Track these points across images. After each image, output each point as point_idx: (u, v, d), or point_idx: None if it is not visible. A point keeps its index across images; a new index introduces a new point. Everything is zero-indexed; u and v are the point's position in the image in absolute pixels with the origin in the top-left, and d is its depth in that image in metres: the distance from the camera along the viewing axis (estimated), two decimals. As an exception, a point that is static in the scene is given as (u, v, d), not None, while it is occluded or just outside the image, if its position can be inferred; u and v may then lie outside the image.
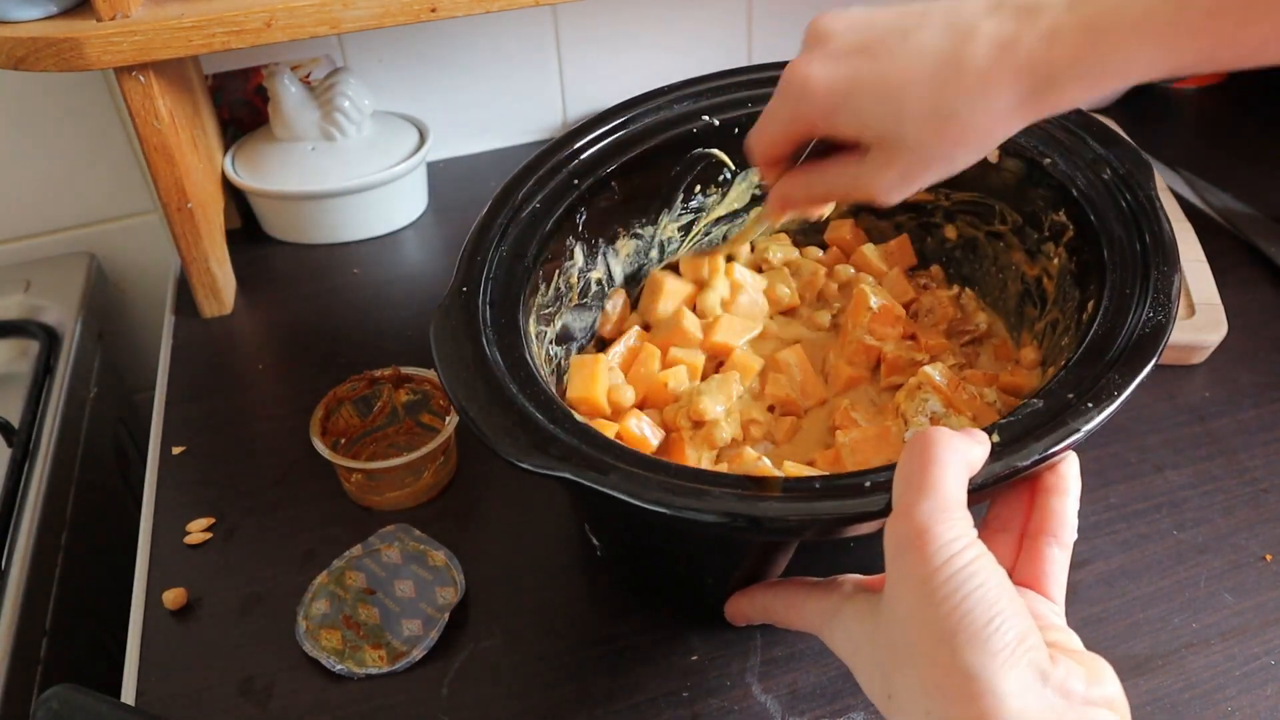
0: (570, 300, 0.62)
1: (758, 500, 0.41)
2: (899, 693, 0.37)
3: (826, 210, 0.56)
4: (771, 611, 0.48)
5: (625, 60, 0.99)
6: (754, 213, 0.59)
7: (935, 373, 0.55)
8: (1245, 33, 0.37)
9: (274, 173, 0.86)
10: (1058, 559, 0.42)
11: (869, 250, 0.66)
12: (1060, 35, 0.39)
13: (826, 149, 0.49)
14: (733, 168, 0.65)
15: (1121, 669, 0.52)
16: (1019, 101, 0.41)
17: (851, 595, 0.42)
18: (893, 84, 0.42)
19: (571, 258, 0.61)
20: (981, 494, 0.41)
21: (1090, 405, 0.43)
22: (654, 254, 0.67)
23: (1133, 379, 0.45)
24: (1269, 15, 0.36)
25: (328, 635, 0.56)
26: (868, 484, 0.42)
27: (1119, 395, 0.44)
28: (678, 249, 0.67)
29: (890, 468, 0.41)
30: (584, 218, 0.61)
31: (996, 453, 0.42)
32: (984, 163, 0.61)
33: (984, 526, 0.40)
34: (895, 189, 0.46)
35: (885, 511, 0.40)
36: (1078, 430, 0.43)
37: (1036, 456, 0.42)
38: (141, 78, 0.68)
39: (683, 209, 0.66)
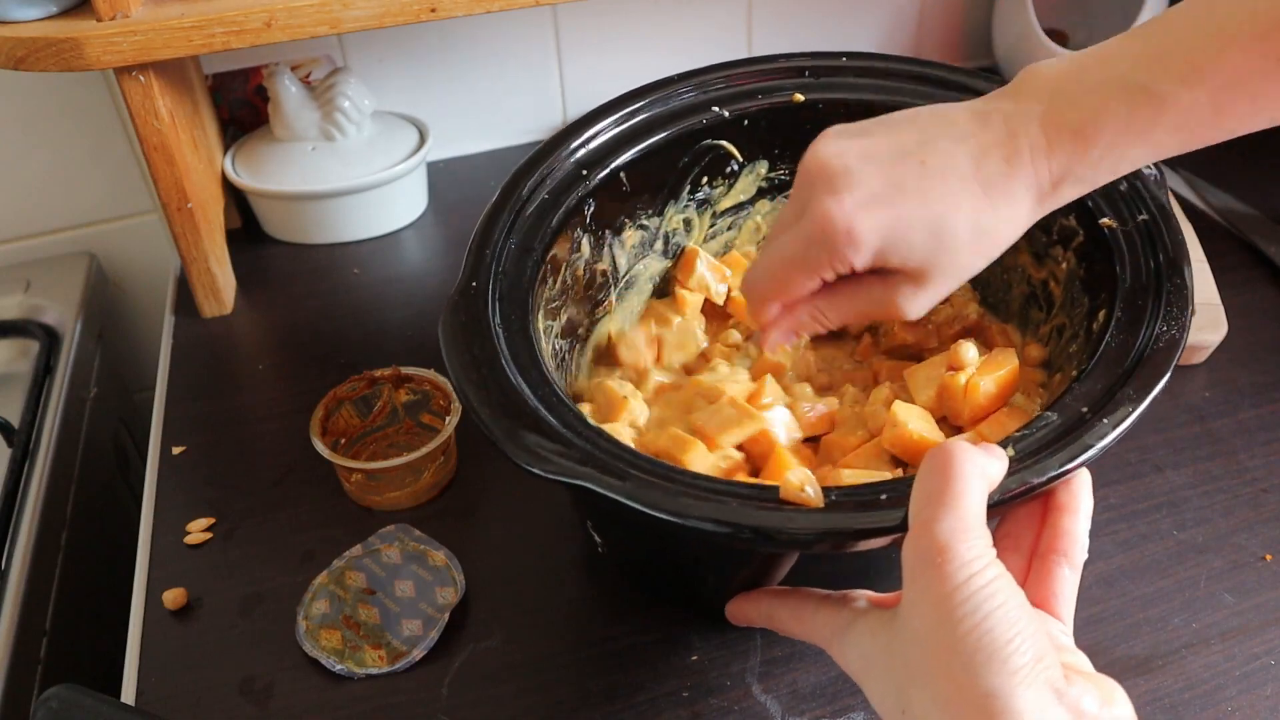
0: (576, 293, 0.61)
1: (774, 512, 0.41)
2: (914, 709, 0.37)
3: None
4: (775, 619, 0.48)
5: (625, 60, 0.99)
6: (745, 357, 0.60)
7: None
8: (1222, 120, 0.41)
9: (274, 173, 0.86)
10: (1068, 579, 0.42)
11: None
12: (1055, 147, 0.43)
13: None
14: (740, 159, 0.65)
15: (1121, 669, 0.53)
16: (1030, 209, 0.44)
17: (864, 611, 0.42)
18: (935, 215, 0.43)
19: (579, 250, 0.61)
20: (996, 509, 0.41)
21: (1105, 421, 0.43)
22: (659, 245, 0.66)
23: (1147, 394, 0.44)
24: (1250, 100, 0.41)
25: (328, 635, 0.56)
26: (884, 497, 0.41)
27: (1134, 411, 0.44)
28: (683, 242, 0.67)
29: (905, 481, 0.41)
30: (592, 209, 0.60)
31: (1012, 468, 0.41)
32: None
33: (995, 545, 0.40)
34: (926, 305, 0.46)
35: (902, 527, 0.39)
36: (1093, 446, 0.42)
37: (1053, 473, 0.41)
38: (141, 78, 0.68)
39: (689, 200, 0.66)
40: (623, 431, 0.55)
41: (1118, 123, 0.41)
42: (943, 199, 0.43)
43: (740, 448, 0.54)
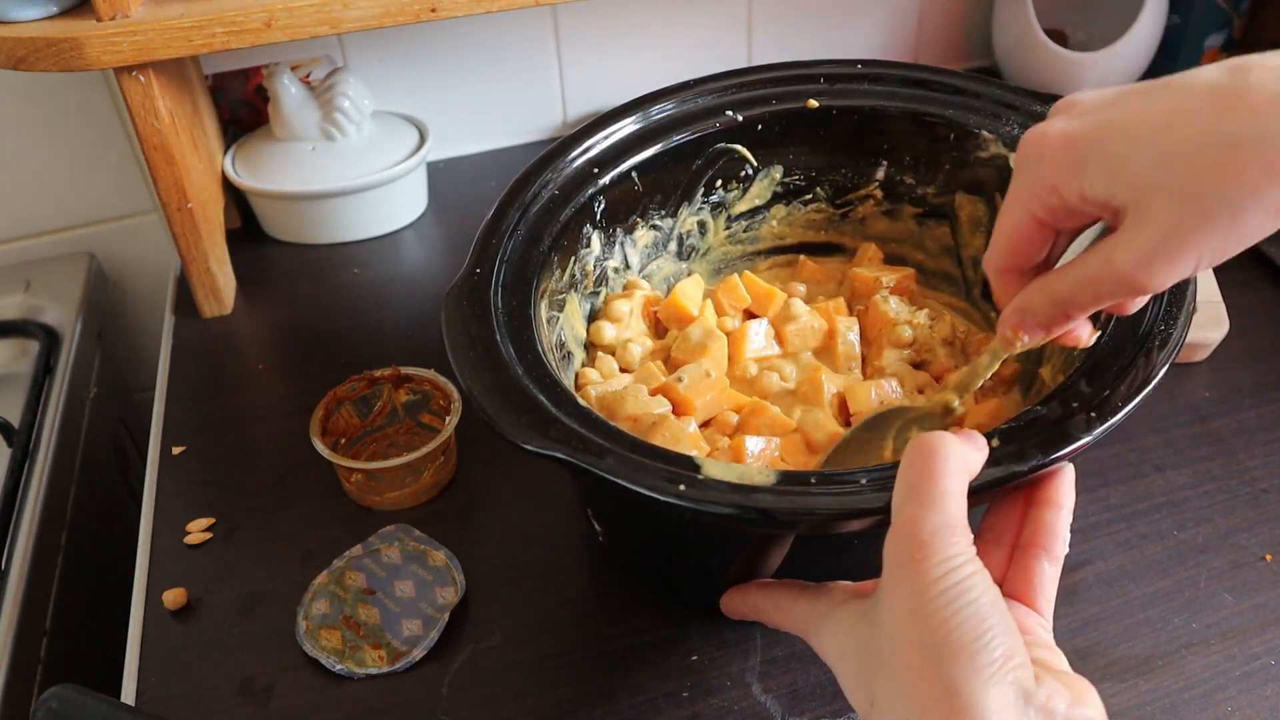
0: (585, 287, 0.62)
1: (750, 492, 0.42)
2: (880, 701, 0.37)
3: (1087, 337, 0.44)
4: (761, 611, 0.48)
5: (625, 60, 0.99)
6: (987, 350, 0.47)
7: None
8: None
9: (274, 173, 0.86)
10: (1048, 573, 0.42)
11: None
12: None
13: None
14: (754, 164, 0.65)
15: (1121, 669, 0.53)
16: None
17: (842, 601, 0.42)
18: (1154, 123, 0.35)
19: (588, 245, 0.61)
20: (977, 498, 0.41)
21: (1093, 415, 0.43)
22: (672, 246, 0.67)
23: (1138, 391, 0.44)
24: None
25: (328, 635, 0.56)
26: (863, 481, 0.42)
27: (1123, 407, 0.44)
28: (704, 249, 0.68)
29: (884, 468, 0.41)
30: (602, 206, 0.61)
31: (996, 458, 0.42)
32: (1005, 171, 0.61)
33: (977, 538, 0.40)
34: (1161, 260, 0.35)
35: (879, 511, 0.40)
36: (1078, 440, 0.42)
37: (1034, 463, 0.42)
38: (141, 78, 0.68)
39: (703, 203, 0.66)
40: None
41: None
42: (1167, 107, 0.35)
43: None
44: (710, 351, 0.59)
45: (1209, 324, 0.70)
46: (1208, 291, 0.72)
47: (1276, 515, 0.60)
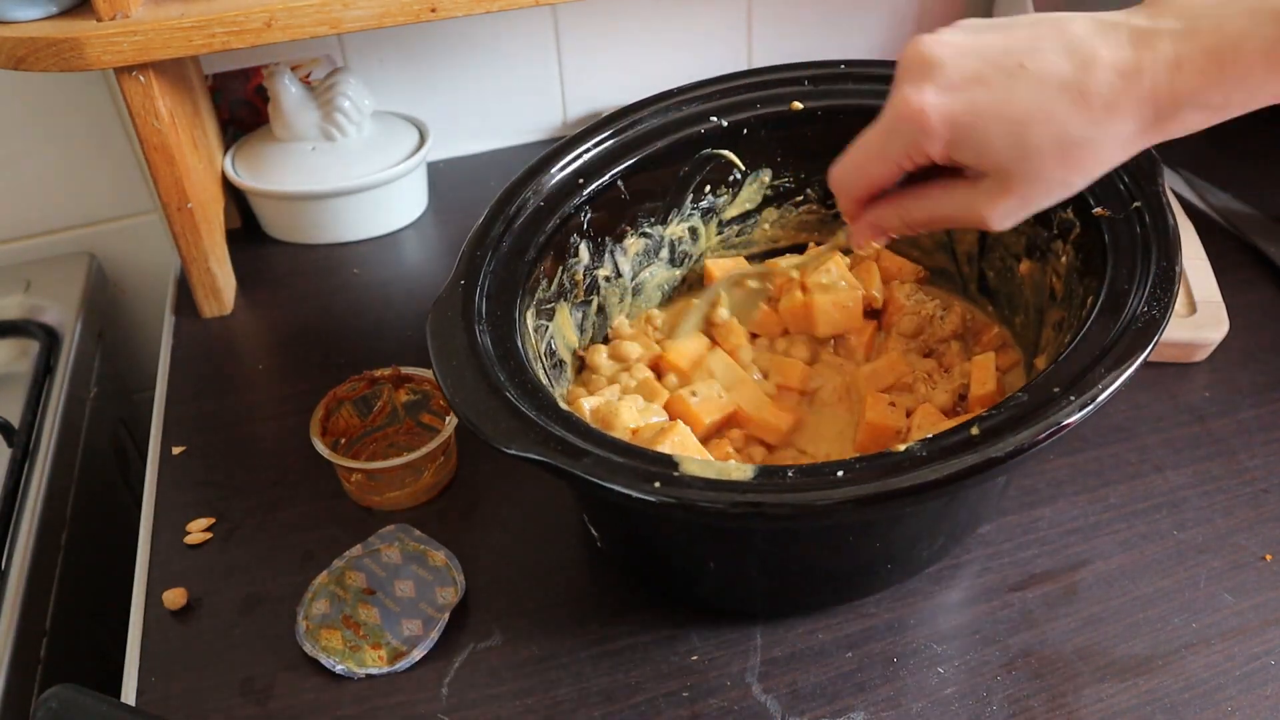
0: (576, 296, 0.62)
1: (726, 488, 0.42)
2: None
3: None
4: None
5: (625, 60, 0.99)
6: (834, 238, 0.57)
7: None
8: None
9: (274, 173, 0.86)
10: None
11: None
12: (1184, 65, 0.40)
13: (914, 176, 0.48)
14: (743, 168, 0.66)
15: (1121, 669, 0.53)
16: (1140, 129, 0.42)
17: None
18: (1018, 115, 0.42)
19: (576, 255, 0.61)
20: (960, 485, 0.41)
21: (1073, 399, 0.44)
22: (664, 253, 0.67)
23: (1121, 374, 0.45)
24: None
25: (328, 635, 0.56)
26: (839, 474, 0.42)
27: (1105, 390, 0.44)
28: (696, 255, 0.68)
29: (855, 461, 0.42)
30: (589, 216, 0.61)
31: (974, 445, 0.42)
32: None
33: None
34: (1011, 215, 0.45)
35: (852, 502, 0.41)
36: (1058, 424, 0.43)
37: (1012, 449, 0.42)
38: (141, 78, 0.68)
39: (693, 209, 0.66)
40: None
41: (1262, 49, 0.39)
42: (1028, 101, 0.42)
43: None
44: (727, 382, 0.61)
45: (1209, 324, 0.70)
46: (1208, 291, 0.72)
47: (1276, 515, 0.60)
